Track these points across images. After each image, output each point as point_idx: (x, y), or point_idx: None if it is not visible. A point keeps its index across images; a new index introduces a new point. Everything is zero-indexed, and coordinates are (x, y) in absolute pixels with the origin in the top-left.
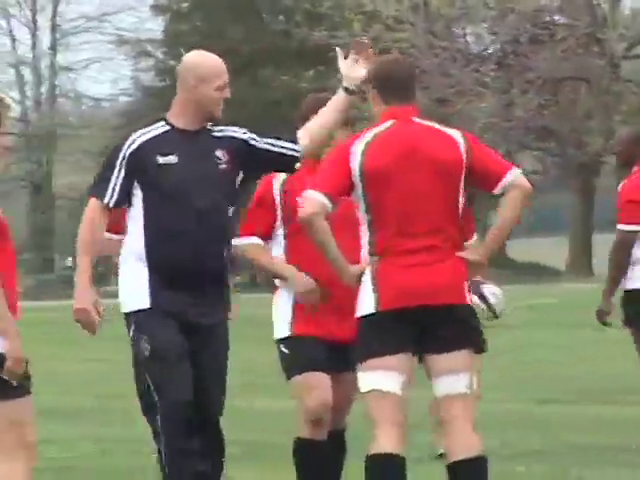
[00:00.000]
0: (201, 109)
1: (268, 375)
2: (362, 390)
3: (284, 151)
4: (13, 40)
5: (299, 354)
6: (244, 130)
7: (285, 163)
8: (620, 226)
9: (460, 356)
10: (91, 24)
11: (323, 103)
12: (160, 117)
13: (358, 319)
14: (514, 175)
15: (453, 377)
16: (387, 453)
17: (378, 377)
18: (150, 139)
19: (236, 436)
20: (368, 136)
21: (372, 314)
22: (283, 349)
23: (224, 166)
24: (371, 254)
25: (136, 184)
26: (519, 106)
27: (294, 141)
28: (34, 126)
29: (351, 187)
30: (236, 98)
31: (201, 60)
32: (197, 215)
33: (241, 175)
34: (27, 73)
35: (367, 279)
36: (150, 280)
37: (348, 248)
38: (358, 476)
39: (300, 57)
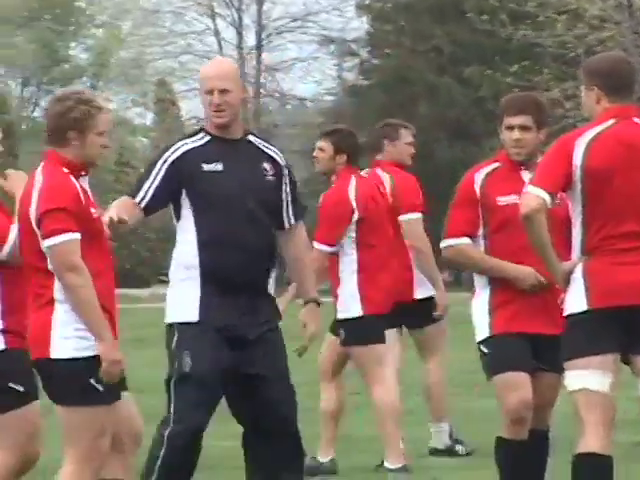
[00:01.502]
0: (207, 117)
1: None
2: (570, 389)
3: (285, 212)
4: (219, 40)
5: (499, 354)
6: (281, 155)
7: (278, 218)
8: None
9: None
10: (296, 24)
11: (518, 102)
12: (199, 128)
13: (566, 317)
14: None
15: None
16: (595, 453)
17: (587, 376)
18: (193, 148)
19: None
20: (590, 134)
21: (582, 312)
22: (483, 349)
23: (271, 178)
24: (582, 252)
25: (183, 194)
26: None
27: (297, 215)
28: None
29: (570, 184)
30: (443, 96)
31: (202, 68)
32: (249, 222)
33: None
34: None
35: (577, 277)
36: (202, 291)
37: (555, 245)
38: (565, 476)
39: (504, 54)
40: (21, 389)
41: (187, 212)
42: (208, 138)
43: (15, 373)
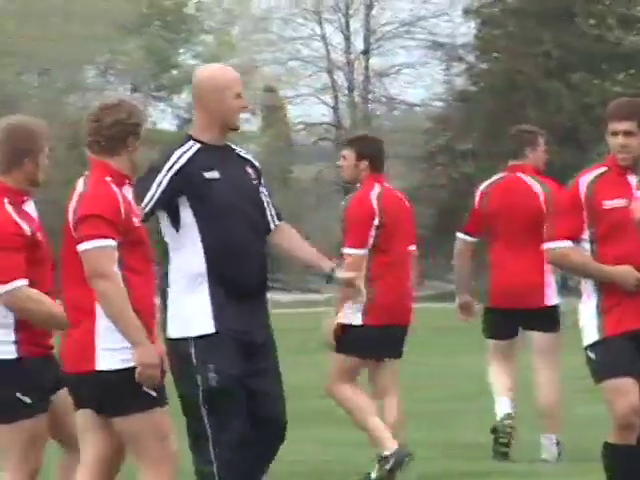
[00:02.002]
0: (223, 121)
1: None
2: None
3: (267, 211)
4: (326, 45)
5: (608, 359)
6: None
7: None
8: None
9: None
10: (404, 29)
11: (623, 108)
12: (187, 137)
13: None
14: None
15: None
16: None
17: None
18: (192, 156)
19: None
20: None
21: None
22: (590, 354)
23: (256, 182)
24: None
25: (185, 201)
26: None
27: (279, 216)
28: (347, 131)
29: None
30: (551, 102)
31: (215, 73)
32: (252, 228)
33: None
34: (340, 78)
35: None
36: (212, 300)
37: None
38: None
39: (612, 60)
40: (28, 401)
41: (190, 220)
42: (198, 146)
43: (24, 384)
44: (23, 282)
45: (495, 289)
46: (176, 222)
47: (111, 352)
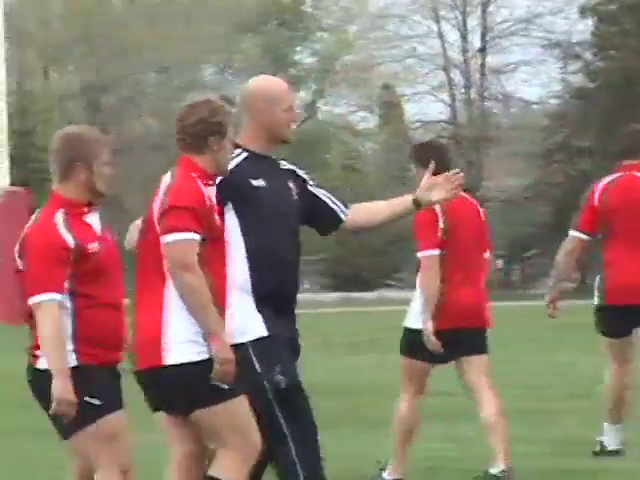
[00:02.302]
0: (273, 132)
1: None
2: None
3: (335, 207)
4: (443, 42)
5: None
6: (297, 168)
7: (329, 220)
8: None
9: None
10: (520, 26)
11: None
12: (234, 145)
13: None
14: None
15: None
16: None
17: None
18: (239, 163)
19: None
20: None
21: None
22: None
23: (296, 197)
24: None
25: (230, 208)
26: None
27: (345, 205)
28: (464, 128)
29: None
30: None
31: (266, 85)
32: (291, 237)
33: None
34: (457, 75)
35: None
36: (258, 307)
37: None
38: None
39: None
40: (97, 402)
41: (234, 226)
42: (246, 154)
43: (90, 387)
44: (52, 296)
45: (611, 287)
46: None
47: (180, 346)
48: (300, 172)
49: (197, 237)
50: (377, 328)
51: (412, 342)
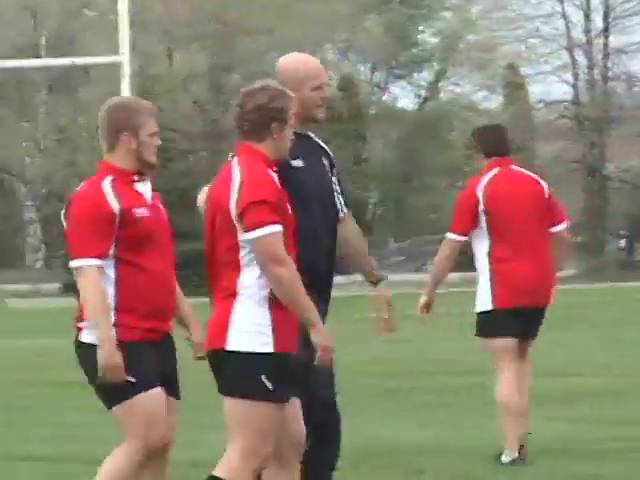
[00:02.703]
0: (303, 111)
1: None
2: None
3: (341, 200)
4: (567, 23)
5: None
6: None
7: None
8: None
9: None
10: None
11: None
12: None
13: None
14: None
15: None
16: None
17: None
18: None
19: None
20: None
21: None
22: None
23: (329, 174)
24: None
25: None
26: None
27: (347, 204)
28: (587, 109)
29: None
30: None
31: (296, 63)
32: (325, 219)
33: None
34: (580, 56)
35: None
36: None
37: None
38: None
39: None
40: (133, 380)
41: None
42: None
43: (128, 364)
44: (92, 262)
45: None
46: None
47: (242, 334)
48: (330, 154)
49: (280, 228)
50: None
51: (482, 323)
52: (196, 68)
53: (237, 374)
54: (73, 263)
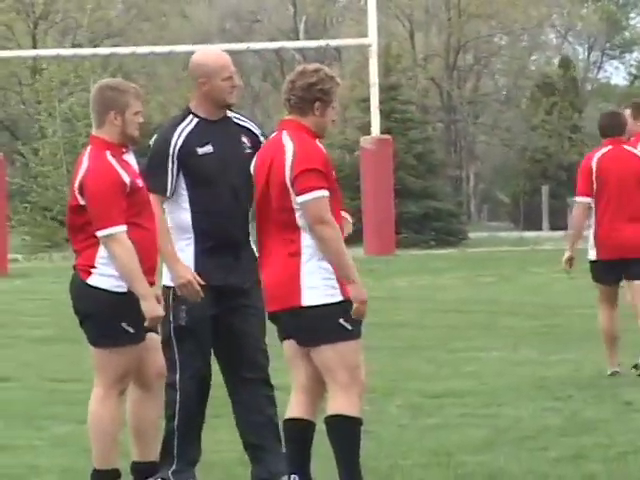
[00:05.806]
0: (215, 100)
1: None
2: None
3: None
4: None
5: None
6: (257, 125)
7: None
8: None
9: None
10: None
11: None
12: (187, 110)
13: None
14: None
15: None
16: None
17: None
18: (190, 132)
19: None
20: None
21: None
22: None
23: (248, 151)
24: None
25: (181, 174)
26: None
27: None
28: None
29: None
30: None
31: (205, 58)
32: (232, 196)
33: None
34: None
35: None
36: (196, 253)
37: None
38: None
39: None
40: (131, 331)
41: (182, 189)
42: (197, 120)
43: (129, 316)
44: (120, 229)
45: None
46: (173, 188)
47: (315, 290)
48: (255, 130)
49: (327, 194)
50: None
51: (591, 270)
52: (433, 48)
53: (319, 325)
54: (102, 232)
